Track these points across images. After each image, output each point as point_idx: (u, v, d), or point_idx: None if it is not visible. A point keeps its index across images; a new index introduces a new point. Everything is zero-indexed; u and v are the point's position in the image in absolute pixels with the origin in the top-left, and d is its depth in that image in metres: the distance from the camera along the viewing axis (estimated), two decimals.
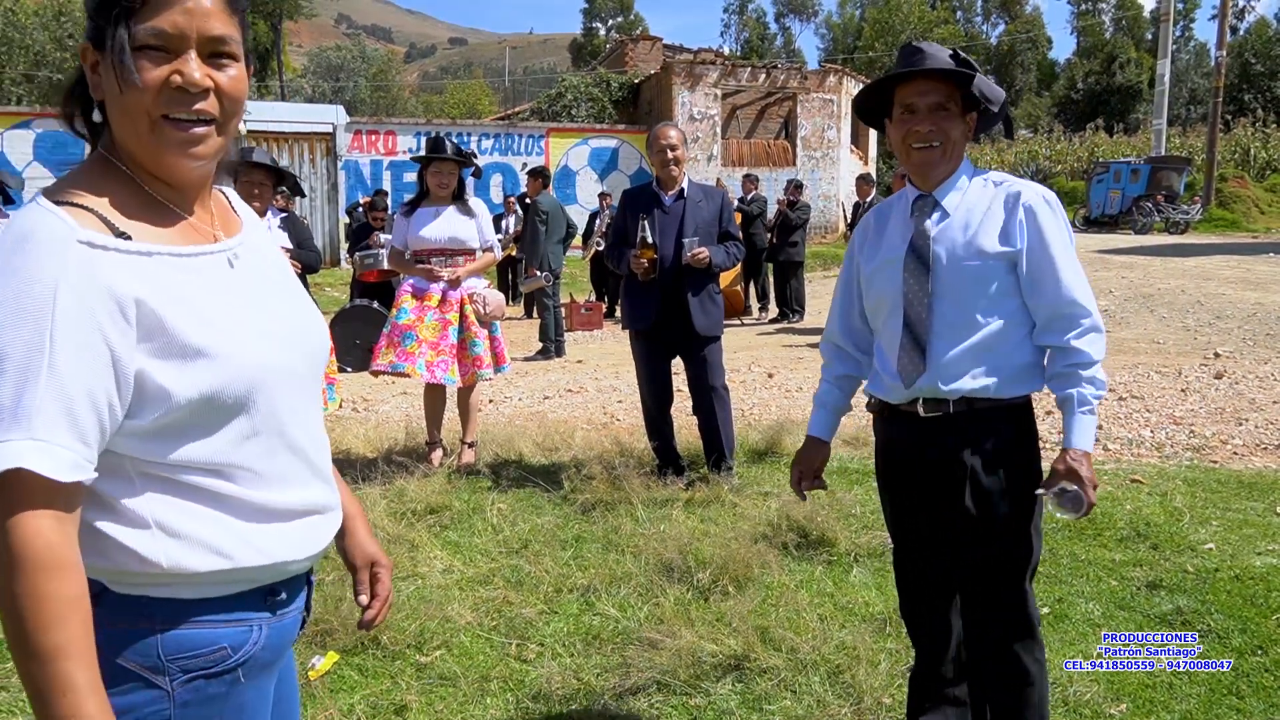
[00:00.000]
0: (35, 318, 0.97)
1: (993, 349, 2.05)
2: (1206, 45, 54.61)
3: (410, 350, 4.94)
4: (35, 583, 0.95)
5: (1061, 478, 1.97)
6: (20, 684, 1.04)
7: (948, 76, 2.04)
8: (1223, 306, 10.88)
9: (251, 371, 1.11)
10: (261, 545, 1.14)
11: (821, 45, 65.09)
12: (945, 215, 2.10)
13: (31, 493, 0.96)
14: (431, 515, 4.31)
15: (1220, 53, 26.81)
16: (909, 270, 2.10)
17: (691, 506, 4.40)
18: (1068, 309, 2.02)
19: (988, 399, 2.06)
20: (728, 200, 5.00)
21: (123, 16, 1.03)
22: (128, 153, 1.11)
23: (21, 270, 0.98)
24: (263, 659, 1.18)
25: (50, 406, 0.96)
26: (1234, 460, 5.17)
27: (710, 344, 4.79)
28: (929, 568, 2.25)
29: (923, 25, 40.49)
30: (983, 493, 2.06)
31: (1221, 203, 26.88)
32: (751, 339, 10.66)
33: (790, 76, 23.08)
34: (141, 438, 1.06)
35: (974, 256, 2.04)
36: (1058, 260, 2.02)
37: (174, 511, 1.09)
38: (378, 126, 20.32)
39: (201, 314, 1.08)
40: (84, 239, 1.01)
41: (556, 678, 2.82)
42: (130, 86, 1.04)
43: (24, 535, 0.95)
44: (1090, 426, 2.01)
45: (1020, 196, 2.06)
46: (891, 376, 2.15)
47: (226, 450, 1.11)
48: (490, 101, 55.22)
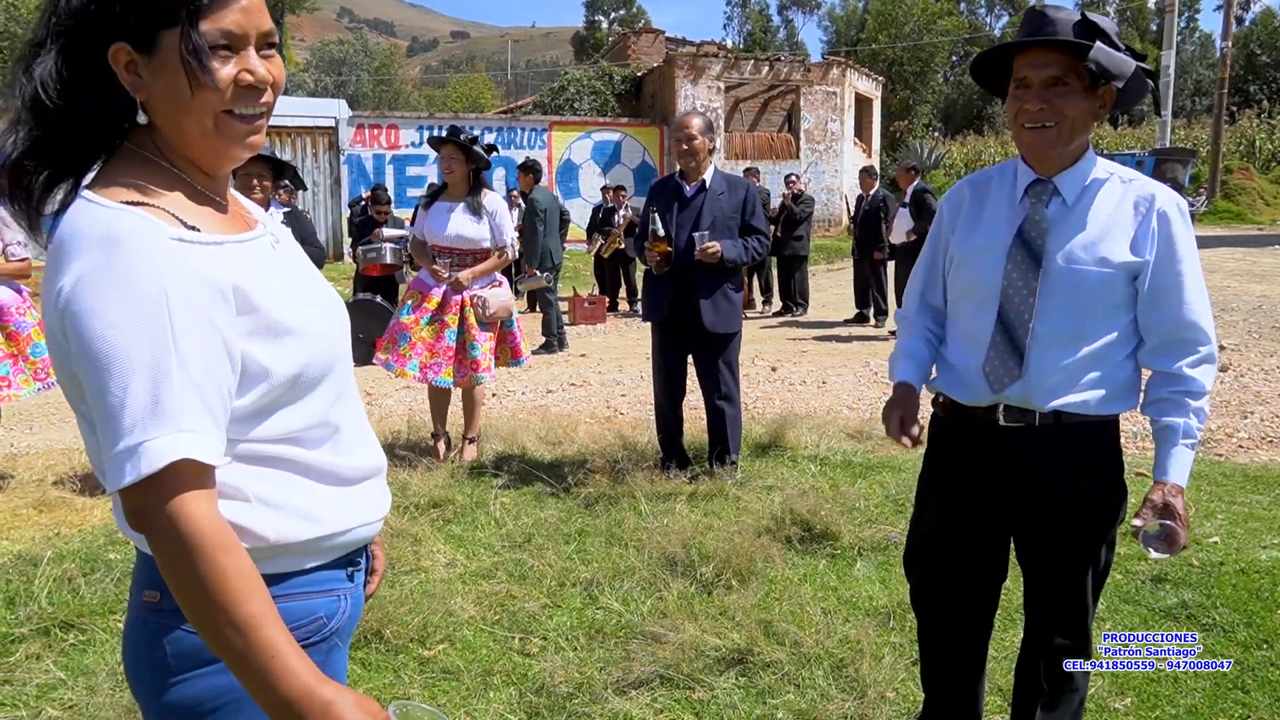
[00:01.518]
0: (154, 317, 1.00)
1: (1098, 364, 1.87)
2: (1211, 36, 54.33)
3: (403, 352, 4.96)
4: (217, 561, 0.99)
5: (1156, 511, 1.81)
6: (17, 681, 1.03)
7: (1062, 48, 1.79)
8: (1228, 299, 10.84)
9: (327, 343, 1.19)
10: (346, 509, 1.21)
11: (824, 38, 64.85)
12: (1065, 206, 1.89)
13: (188, 480, 1.00)
14: (435, 509, 4.31)
15: (1225, 44, 26.66)
16: (1014, 261, 1.88)
17: (695, 500, 4.40)
18: (1188, 333, 1.85)
19: (1079, 414, 1.89)
20: (753, 192, 4.83)
21: (191, 19, 1.05)
22: (177, 149, 1.13)
23: (127, 273, 1.00)
24: (348, 628, 1.27)
25: (188, 399, 1.00)
26: (1239, 453, 5.15)
27: (724, 341, 4.71)
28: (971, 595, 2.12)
29: (926, 17, 40.29)
30: (1062, 510, 1.92)
31: (1226, 195, 26.78)
32: (755, 332, 10.63)
33: (793, 69, 23.01)
34: (243, 418, 1.11)
35: (1096, 262, 1.83)
36: (1185, 278, 1.84)
37: (268, 484, 1.14)
38: (380, 120, 20.28)
39: (280, 293, 1.14)
40: (173, 235, 1.05)
41: (559, 672, 2.82)
42: (204, 87, 1.07)
43: (195, 519, 1.00)
44: (1189, 460, 1.85)
45: (1154, 201, 1.86)
46: (973, 375, 1.94)
47: (311, 421, 1.18)
48: (493, 95, 55.11)
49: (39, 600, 3.30)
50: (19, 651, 3.00)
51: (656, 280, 4.71)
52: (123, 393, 0.98)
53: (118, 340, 0.98)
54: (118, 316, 0.99)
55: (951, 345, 2.06)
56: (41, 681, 2.82)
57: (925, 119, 40.50)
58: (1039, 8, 1.90)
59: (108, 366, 0.98)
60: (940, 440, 2.11)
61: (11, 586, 3.45)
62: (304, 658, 1.03)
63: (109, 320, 0.99)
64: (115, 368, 0.98)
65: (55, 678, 2.83)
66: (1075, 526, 1.94)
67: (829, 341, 9.97)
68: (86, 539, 4.03)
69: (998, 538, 2.05)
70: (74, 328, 1.00)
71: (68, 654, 3.00)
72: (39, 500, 4.62)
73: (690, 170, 4.72)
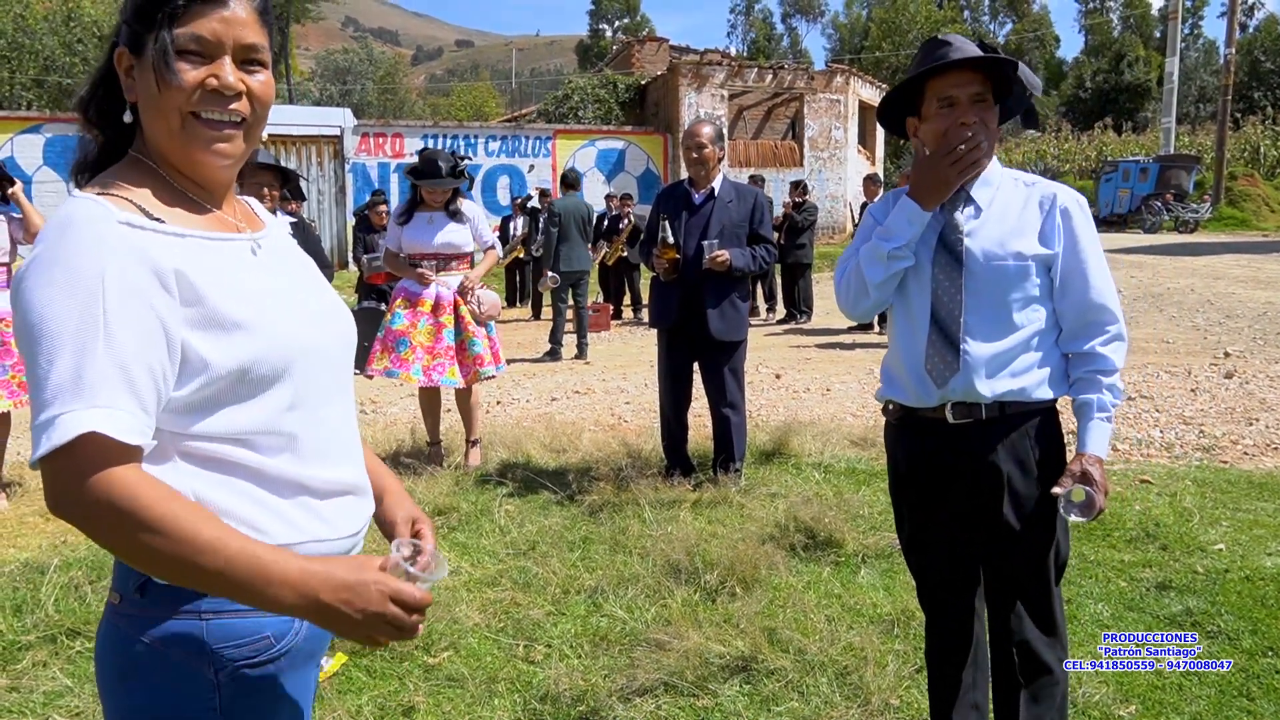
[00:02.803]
0: (87, 294, 1.01)
1: (1029, 350, 2.01)
2: (1215, 43, 54.34)
3: (404, 357, 4.96)
4: (159, 508, 0.99)
5: (1075, 480, 1.96)
6: (25, 688, 1.05)
7: (990, 66, 1.95)
8: (1233, 305, 10.82)
9: (284, 346, 1.16)
10: (294, 519, 1.17)
11: (828, 45, 65.02)
12: (978, 210, 2.03)
13: (108, 456, 1.00)
14: (439, 516, 4.32)
15: (1229, 50, 26.67)
16: (939, 265, 2.02)
17: (699, 508, 4.40)
18: (1096, 315, 2.00)
19: (1020, 403, 2.01)
20: (761, 201, 4.86)
21: (166, 21, 1.10)
22: (158, 151, 1.17)
23: (68, 251, 1.03)
24: (305, 649, 1.21)
25: (110, 376, 1.00)
26: (1244, 460, 5.14)
27: (730, 349, 4.72)
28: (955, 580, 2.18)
29: (930, 25, 40.39)
30: (1019, 499, 2.02)
31: (1231, 201, 26.75)
32: (759, 340, 10.64)
33: (797, 77, 23.07)
34: (181, 411, 1.10)
35: (1012, 256, 1.98)
36: (1089, 265, 2.00)
37: (211, 487, 1.12)
38: (385, 129, 20.37)
39: (235, 288, 1.13)
40: (123, 220, 1.08)
41: (564, 679, 2.82)
42: (169, 85, 1.11)
43: (123, 483, 0.99)
44: (1106, 433, 1.99)
45: (1056, 199, 2.02)
46: (917, 378, 2.05)
47: (262, 424, 1.15)
48: (497, 103, 55.32)
49: (46, 608, 3.31)
50: (26, 659, 3.01)
51: (664, 287, 4.73)
52: (49, 366, 1.00)
53: (48, 314, 1.01)
54: (52, 293, 1.01)
55: (892, 354, 2.17)
56: (48, 689, 2.83)
57: None
58: (939, 37, 2.03)
59: (38, 340, 1.00)
60: (896, 447, 2.22)
61: (19, 594, 3.47)
62: (281, 550, 1.05)
63: (44, 297, 1.01)
64: (44, 341, 1.00)
65: (62, 685, 2.84)
66: (1030, 513, 2.03)
67: (832, 349, 9.97)
68: (93, 547, 4.04)
69: (965, 530, 2.12)
70: (18, 306, 1.04)
71: (74, 661, 3.01)
72: (46, 508, 4.64)
73: (699, 178, 4.74)
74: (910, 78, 2.04)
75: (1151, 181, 25.61)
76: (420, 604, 1.07)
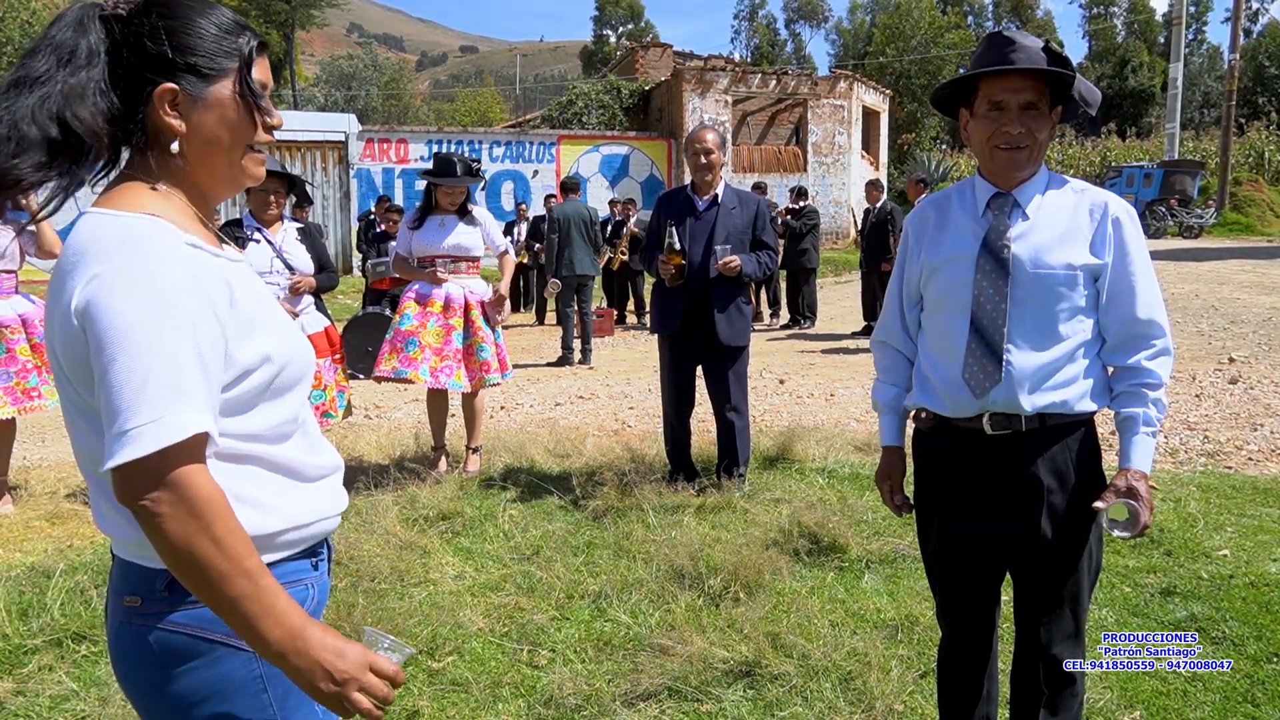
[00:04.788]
0: (175, 306, 1.11)
1: (1071, 363, 1.95)
2: (1220, 48, 54.30)
3: (413, 356, 4.96)
4: (228, 521, 1.12)
5: (1120, 495, 1.91)
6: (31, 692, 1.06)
7: (1047, 78, 1.90)
8: (1237, 311, 10.81)
9: (300, 352, 1.32)
10: (308, 503, 1.31)
11: (832, 51, 65.03)
12: (1025, 217, 1.98)
13: (195, 454, 1.11)
14: (443, 521, 4.32)
15: (1234, 56, 26.66)
16: (982, 271, 1.96)
17: (703, 513, 4.40)
18: (1143, 328, 1.95)
19: (1061, 414, 1.96)
20: (764, 207, 4.89)
21: (248, 68, 1.26)
22: (194, 177, 1.26)
23: (146, 265, 1.12)
24: (316, 613, 1.35)
25: (200, 383, 1.12)
26: (1249, 466, 5.13)
27: (734, 354, 4.74)
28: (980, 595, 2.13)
29: (933, 30, 40.40)
30: (1057, 512, 1.97)
31: (1236, 206, 26.72)
32: (763, 345, 10.65)
33: (801, 83, 23.10)
34: (226, 411, 1.20)
35: (1060, 265, 1.93)
36: (1138, 277, 1.94)
37: (241, 480, 1.22)
38: (390, 135, 20.42)
39: (263, 302, 1.28)
40: (186, 241, 1.19)
41: (568, 684, 2.82)
42: (262, 124, 1.28)
43: (206, 485, 1.11)
44: (1151, 448, 1.94)
45: (1108, 208, 1.96)
46: (954, 386, 1.99)
47: (287, 419, 1.29)
48: (501, 109, 55.43)
49: (51, 612, 3.32)
50: (32, 662, 3.02)
51: (667, 293, 4.73)
52: (146, 373, 1.08)
53: (138, 323, 1.08)
54: (141, 305, 1.09)
55: (927, 360, 2.10)
56: (54, 692, 2.84)
57: (933, 132, 40.53)
58: (1004, 33, 1.97)
59: (134, 350, 1.08)
60: (927, 456, 2.15)
61: (24, 598, 3.48)
62: (295, 601, 1.16)
63: (133, 309, 1.09)
64: (140, 351, 1.08)
65: (68, 689, 2.85)
66: (1066, 527, 1.99)
67: (837, 354, 9.97)
68: (98, 551, 4.05)
69: (996, 543, 2.07)
70: (97, 320, 1.09)
71: (80, 665, 3.02)
72: (51, 512, 4.66)
73: (704, 184, 4.76)
74: (965, 76, 1.99)
75: (1156, 187, 25.59)
76: (394, 676, 1.19)
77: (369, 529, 4.11)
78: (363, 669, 1.15)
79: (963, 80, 2.00)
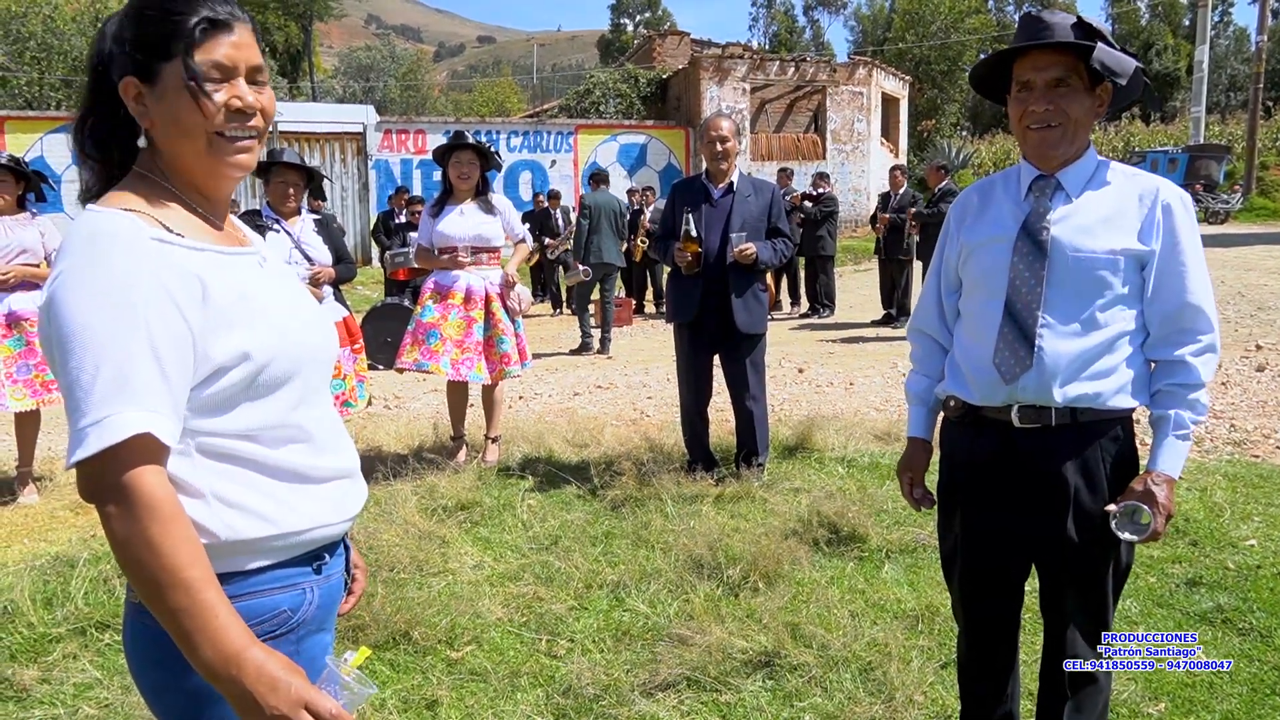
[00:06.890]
0: (127, 302, 1.09)
1: (1108, 354, 1.87)
2: (1246, 30, 53.35)
3: (434, 349, 4.97)
4: (169, 528, 1.09)
5: (1137, 499, 1.85)
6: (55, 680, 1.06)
7: (1079, 53, 1.83)
8: (1265, 298, 10.65)
9: (296, 349, 1.27)
10: (304, 509, 1.27)
11: (850, 37, 64.51)
12: (1068, 199, 1.92)
13: (146, 455, 1.09)
14: (462, 511, 4.34)
15: (1261, 37, 26.21)
16: (1020, 253, 1.90)
17: (721, 502, 4.39)
18: (1190, 321, 1.88)
19: (1094, 410, 1.88)
20: (778, 195, 4.89)
21: (186, 50, 1.19)
22: (178, 170, 1.25)
23: (103, 262, 1.11)
24: (318, 618, 1.32)
25: (153, 381, 1.09)
26: (1277, 455, 5.05)
27: (752, 342, 4.73)
28: (1000, 594, 2.09)
29: (953, 15, 39.91)
30: (1085, 515, 1.90)
31: (1263, 191, 26.30)
32: (782, 334, 10.60)
33: (819, 70, 22.90)
34: (202, 409, 1.19)
35: (1102, 250, 1.86)
36: (1189, 267, 1.87)
37: (225, 481, 1.20)
38: (408, 126, 20.43)
39: (249, 297, 1.23)
40: (153, 236, 1.16)
41: (586, 674, 2.83)
42: (203, 109, 1.20)
43: (153, 488, 1.09)
44: (1182, 452, 1.86)
45: (1159, 193, 1.88)
46: (983, 371, 1.93)
47: (274, 420, 1.25)
48: (519, 99, 55.37)
49: (76, 601, 3.36)
50: (56, 651, 3.05)
51: (683, 282, 4.71)
52: (95, 371, 1.07)
53: (90, 322, 1.08)
54: (94, 303, 1.08)
55: (960, 346, 2.06)
56: (79, 680, 2.87)
57: (953, 118, 40.12)
58: (1034, 13, 1.93)
59: (82, 346, 1.07)
60: (954, 447, 2.10)
61: (49, 587, 3.52)
62: (240, 622, 1.11)
63: (86, 307, 1.08)
64: (88, 347, 1.07)
65: (92, 677, 2.88)
66: (1094, 531, 1.92)
67: (856, 343, 9.91)
68: None
69: (1021, 539, 2.02)
70: (55, 317, 1.10)
71: (104, 654, 3.05)
72: (76, 502, 4.71)
73: (719, 172, 4.74)
74: (993, 57, 1.97)
75: (1181, 172, 25.21)
76: (332, 718, 1.12)
77: (388, 519, 4.12)
78: (295, 707, 1.09)
79: (998, 65, 1.97)
